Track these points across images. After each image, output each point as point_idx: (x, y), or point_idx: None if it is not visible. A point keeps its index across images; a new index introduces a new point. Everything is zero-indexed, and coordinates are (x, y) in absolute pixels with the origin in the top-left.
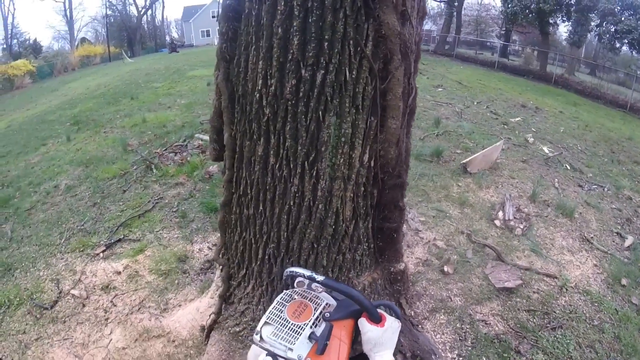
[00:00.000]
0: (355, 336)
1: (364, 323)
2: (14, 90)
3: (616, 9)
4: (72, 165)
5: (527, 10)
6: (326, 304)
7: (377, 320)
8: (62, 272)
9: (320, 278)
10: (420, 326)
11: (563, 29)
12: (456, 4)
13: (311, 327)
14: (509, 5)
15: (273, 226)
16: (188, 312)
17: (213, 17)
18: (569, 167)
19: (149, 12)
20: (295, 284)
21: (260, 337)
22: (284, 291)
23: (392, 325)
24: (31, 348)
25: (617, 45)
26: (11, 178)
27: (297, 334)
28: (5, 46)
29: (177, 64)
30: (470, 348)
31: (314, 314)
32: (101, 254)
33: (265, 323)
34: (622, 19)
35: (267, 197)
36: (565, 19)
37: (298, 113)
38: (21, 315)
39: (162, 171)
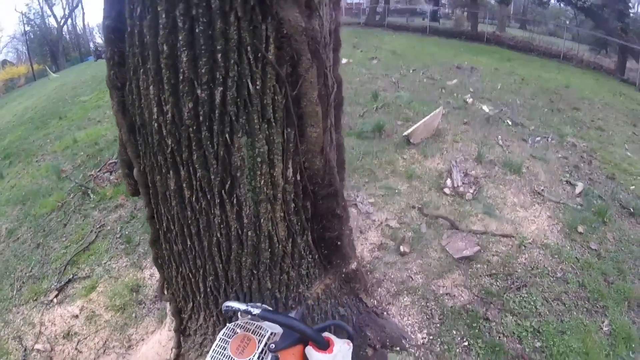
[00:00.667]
0: None
1: (311, 352)
2: None
3: None
4: (9, 205)
5: None
6: (271, 333)
7: (324, 347)
8: (21, 327)
9: (256, 311)
10: (385, 313)
11: None
12: None
13: None
14: None
15: (206, 259)
16: (151, 346)
17: None
18: (510, 123)
19: (69, 21)
20: (239, 315)
21: None
22: (227, 325)
23: (340, 350)
24: None
25: None
26: None
27: None
28: None
29: (104, 71)
30: (438, 325)
31: (258, 347)
32: (55, 300)
33: None
34: None
35: (192, 231)
36: None
37: (202, 139)
38: None
39: (99, 195)
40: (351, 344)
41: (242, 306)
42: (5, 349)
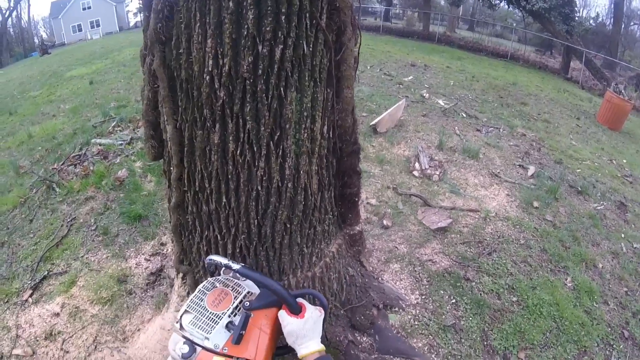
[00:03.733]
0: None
1: (283, 315)
2: None
3: None
4: None
5: None
6: (247, 292)
7: (296, 311)
8: None
9: (236, 266)
10: (379, 278)
11: None
12: None
13: (229, 316)
14: None
15: (241, 216)
16: (152, 334)
17: (84, 9)
18: (465, 115)
19: (14, 13)
20: (222, 272)
21: (180, 325)
22: (207, 279)
23: (312, 315)
24: None
25: (496, 2)
26: None
27: (214, 323)
28: None
29: (51, 66)
30: (427, 286)
31: (234, 302)
32: (30, 299)
33: (185, 311)
34: None
35: (230, 187)
36: None
37: (258, 92)
38: None
39: (65, 189)
40: (323, 312)
41: (223, 260)
42: None
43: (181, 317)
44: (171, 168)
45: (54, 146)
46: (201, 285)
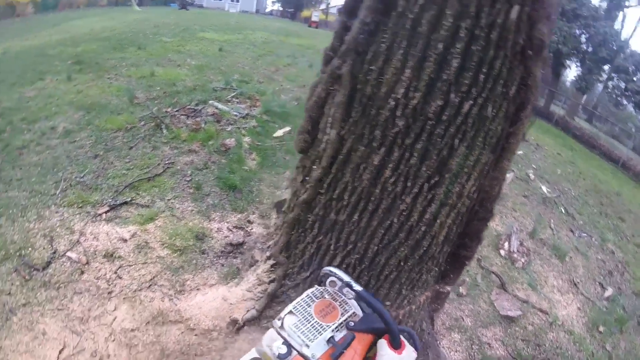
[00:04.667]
0: (367, 352)
1: (383, 345)
2: (14, 17)
3: (630, 69)
4: (71, 107)
5: None
6: (353, 312)
7: (397, 346)
8: (57, 228)
9: (357, 287)
10: (439, 342)
11: (572, 73)
12: None
13: (333, 330)
14: None
15: (364, 238)
16: (212, 299)
17: None
18: (563, 211)
19: None
20: (327, 283)
21: (282, 324)
22: (316, 286)
23: (408, 354)
24: (17, 314)
25: (624, 102)
26: (2, 110)
27: (318, 333)
28: None
29: (186, 22)
30: None
31: (340, 318)
32: (104, 215)
33: (290, 312)
34: (635, 79)
35: (368, 208)
36: (578, 64)
37: (434, 135)
38: (6, 272)
39: (173, 133)
40: (416, 354)
41: (345, 277)
42: (31, 243)
43: (285, 316)
44: (314, 167)
45: (172, 92)
46: (309, 291)
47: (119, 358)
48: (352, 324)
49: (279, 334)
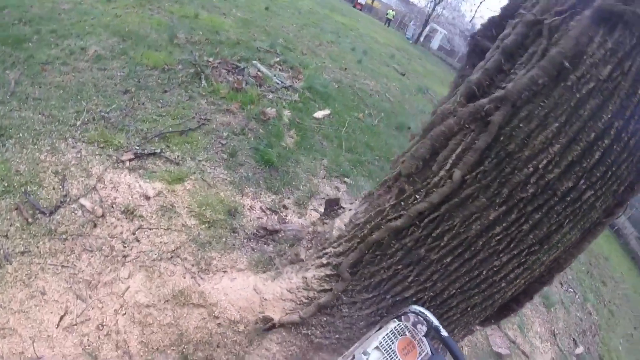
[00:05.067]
0: None
1: None
2: None
3: None
4: (106, 30)
5: None
6: (426, 353)
7: None
8: (71, 166)
9: (444, 334)
10: None
11: None
12: None
13: None
14: None
15: (445, 280)
16: (241, 287)
17: None
18: None
19: None
20: (402, 317)
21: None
22: (397, 322)
23: None
24: (13, 263)
25: None
26: (32, 16)
27: None
28: None
29: None
30: None
31: (418, 358)
32: (127, 163)
33: (377, 348)
34: None
35: (465, 255)
36: None
37: (553, 211)
38: (6, 208)
39: (212, 86)
40: None
41: (434, 320)
42: (39, 178)
43: (372, 351)
44: (417, 196)
45: (215, 41)
46: (393, 326)
47: (130, 336)
48: None
49: None
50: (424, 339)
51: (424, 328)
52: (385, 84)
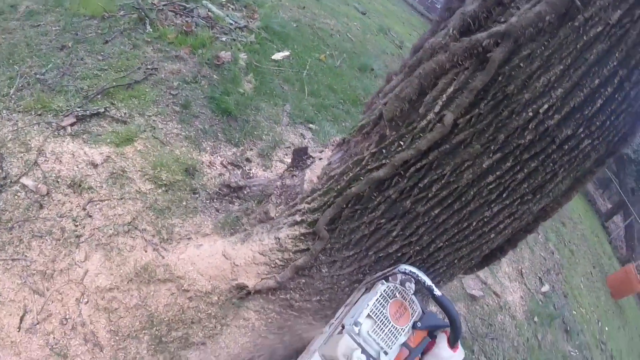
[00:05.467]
0: None
1: (443, 341)
2: None
3: None
4: None
5: None
6: (418, 312)
7: (455, 345)
8: (8, 141)
9: (438, 293)
10: None
11: None
12: None
13: (406, 334)
14: None
15: (432, 232)
16: (209, 254)
17: None
18: None
19: None
20: (389, 277)
21: (360, 330)
22: (385, 283)
23: (461, 354)
24: None
25: None
26: None
27: (395, 338)
28: None
29: None
30: None
31: (411, 320)
32: (69, 129)
33: (368, 316)
34: None
35: (454, 206)
36: None
37: (549, 159)
38: None
39: (158, 32)
40: (464, 355)
41: (426, 280)
42: None
43: (363, 320)
44: (402, 143)
45: None
46: (382, 289)
47: (97, 326)
48: (419, 324)
49: (356, 341)
50: (414, 297)
51: (413, 286)
52: (346, 23)
